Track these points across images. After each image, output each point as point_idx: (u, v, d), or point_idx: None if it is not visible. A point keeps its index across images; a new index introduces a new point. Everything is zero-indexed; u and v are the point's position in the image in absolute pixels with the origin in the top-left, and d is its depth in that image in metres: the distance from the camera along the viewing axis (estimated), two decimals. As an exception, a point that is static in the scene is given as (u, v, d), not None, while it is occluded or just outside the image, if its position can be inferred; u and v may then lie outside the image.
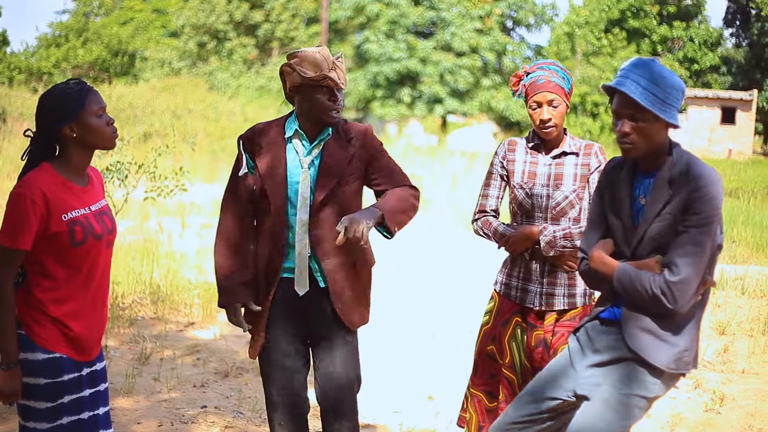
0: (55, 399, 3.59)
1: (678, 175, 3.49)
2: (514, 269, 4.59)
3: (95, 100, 3.60)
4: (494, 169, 4.64)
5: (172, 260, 10.57)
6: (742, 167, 29.98)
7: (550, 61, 4.50)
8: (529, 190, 4.45)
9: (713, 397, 6.69)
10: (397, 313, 9.22)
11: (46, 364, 3.56)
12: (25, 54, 54.60)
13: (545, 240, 4.35)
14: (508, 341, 4.55)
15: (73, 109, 3.55)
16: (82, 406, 3.69)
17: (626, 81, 3.52)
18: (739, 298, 9.76)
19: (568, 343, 3.93)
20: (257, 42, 49.17)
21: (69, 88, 3.60)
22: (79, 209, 3.59)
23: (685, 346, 3.58)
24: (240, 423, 5.96)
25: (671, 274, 3.44)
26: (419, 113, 42.95)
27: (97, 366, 3.78)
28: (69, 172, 3.61)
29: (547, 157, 4.46)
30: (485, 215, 4.67)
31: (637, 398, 3.60)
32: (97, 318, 3.73)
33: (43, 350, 3.56)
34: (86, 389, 3.71)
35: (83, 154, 3.63)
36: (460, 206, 17.65)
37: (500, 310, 4.62)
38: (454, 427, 6.12)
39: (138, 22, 58.63)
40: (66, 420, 3.63)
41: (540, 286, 4.47)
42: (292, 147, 4.18)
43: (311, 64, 4.02)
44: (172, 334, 8.10)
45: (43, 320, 3.56)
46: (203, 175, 19.85)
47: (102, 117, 3.60)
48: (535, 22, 46.12)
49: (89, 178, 3.73)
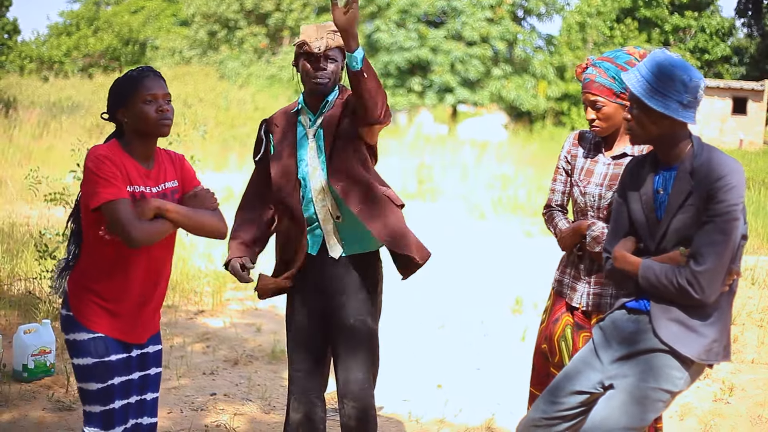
0: (105, 380, 3.61)
1: (699, 166, 3.50)
2: (567, 266, 4.44)
3: (147, 86, 3.62)
4: (560, 163, 4.50)
5: (182, 248, 10.59)
6: (753, 157, 29.84)
7: (609, 56, 4.26)
8: (583, 188, 4.30)
9: (722, 386, 6.68)
10: (407, 303, 9.23)
11: (92, 344, 3.60)
12: (36, 43, 54.75)
13: (592, 235, 4.17)
14: (558, 340, 4.40)
15: (125, 94, 3.62)
16: (131, 389, 3.72)
17: (632, 70, 3.60)
18: (749, 288, 9.76)
19: (593, 334, 3.91)
20: (268, 31, 49.08)
21: (130, 74, 3.68)
22: (137, 185, 3.61)
23: (715, 336, 3.58)
24: (249, 410, 5.98)
25: (697, 264, 3.44)
26: (430, 102, 42.83)
27: (149, 349, 3.80)
28: (132, 153, 3.66)
29: (608, 157, 4.29)
30: (551, 210, 4.55)
31: (662, 392, 3.59)
32: (146, 300, 3.73)
33: (87, 330, 3.60)
34: (135, 372, 3.74)
35: (139, 139, 3.66)
36: (471, 196, 17.65)
37: (553, 309, 4.50)
38: (463, 416, 6.15)
39: (149, 10, 58.60)
40: (118, 404, 3.66)
41: (588, 285, 4.31)
42: (299, 122, 4.31)
43: (302, 33, 4.18)
44: (182, 322, 8.12)
45: (88, 299, 3.61)
46: (214, 163, 19.88)
47: (151, 103, 3.61)
48: (546, 11, 45.90)
49: (157, 163, 3.75)
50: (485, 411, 6.22)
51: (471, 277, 10.73)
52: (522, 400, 5.87)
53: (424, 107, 43.57)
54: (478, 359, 7.53)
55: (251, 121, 28.25)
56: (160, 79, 3.69)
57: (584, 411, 3.80)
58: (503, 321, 8.84)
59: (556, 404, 3.82)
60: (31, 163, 14.99)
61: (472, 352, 7.76)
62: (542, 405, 3.88)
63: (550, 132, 39.76)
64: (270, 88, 41.48)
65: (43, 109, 24.54)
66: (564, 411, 3.81)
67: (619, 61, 4.16)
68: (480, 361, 7.46)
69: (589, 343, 3.93)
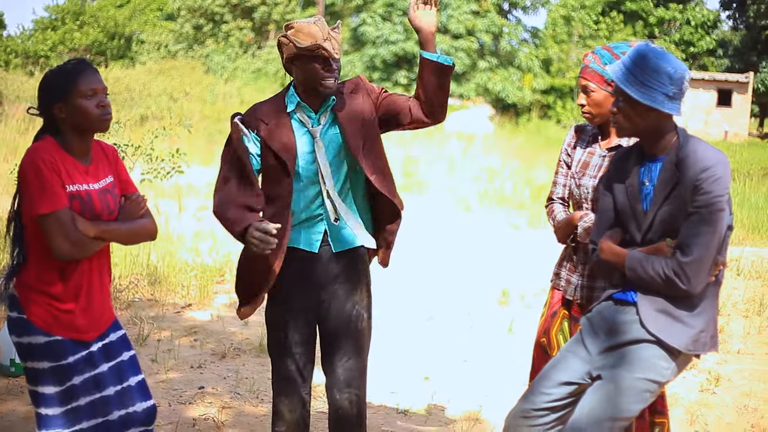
0: (63, 382, 3.54)
1: (685, 158, 3.51)
2: (564, 259, 4.45)
3: (86, 80, 3.52)
4: (561, 156, 4.50)
5: (169, 242, 10.58)
6: (738, 149, 29.98)
7: (610, 45, 4.24)
8: (578, 180, 4.31)
9: (708, 377, 6.72)
10: (395, 295, 9.24)
11: (47, 348, 3.52)
12: (21, 37, 54.55)
13: (583, 226, 4.18)
14: (556, 334, 4.42)
15: (62, 88, 3.51)
16: (104, 382, 3.63)
17: (617, 63, 3.63)
18: (734, 279, 9.81)
19: (581, 325, 3.92)
20: (254, 25, 48.98)
21: (64, 67, 3.57)
22: (80, 184, 3.54)
23: (702, 327, 3.60)
24: (237, 403, 5.98)
25: (683, 255, 3.46)
26: (416, 96, 42.76)
27: (111, 338, 3.72)
28: (69, 149, 3.57)
29: (603, 149, 4.28)
30: (552, 203, 4.53)
31: (649, 382, 3.61)
32: (95, 296, 3.66)
33: (43, 333, 3.52)
34: (103, 364, 3.65)
35: (77, 136, 3.57)
36: (458, 189, 17.65)
37: (551, 302, 4.50)
38: (450, 407, 6.16)
39: (134, 4, 58.37)
40: (84, 401, 3.58)
41: (582, 278, 4.32)
42: (297, 120, 4.18)
43: (306, 34, 4.03)
44: (170, 315, 8.11)
45: (42, 301, 3.53)
46: (200, 157, 19.81)
47: (91, 98, 3.52)
48: (532, 4, 45.97)
49: (94, 157, 3.68)
50: (472, 403, 6.23)
51: (458, 270, 10.74)
52: (509, 392, 5.90)
53: (410, 100, 43.48)
54: (465, 351, 7.55)
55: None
56: (96, 72, 3.60)
57: (572, 402, 3.81)
58: (490, 313, 8.86)
59: (544, 395, 3.83)
60: (16, 158, 14.91)
61: (460, 344, 7.77)
62: (530, 396, 3.88)
63: (536, 125, 39.80)
64: (256, 82, 41.36)
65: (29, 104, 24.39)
66: (552, 402, 3.81)
67: (617, 51, 4.16)
68: (467, 353, 7.48)
69: (576, 334, 3.95)
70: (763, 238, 13.01)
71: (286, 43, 4.08)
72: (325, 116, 4.18)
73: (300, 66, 4.09)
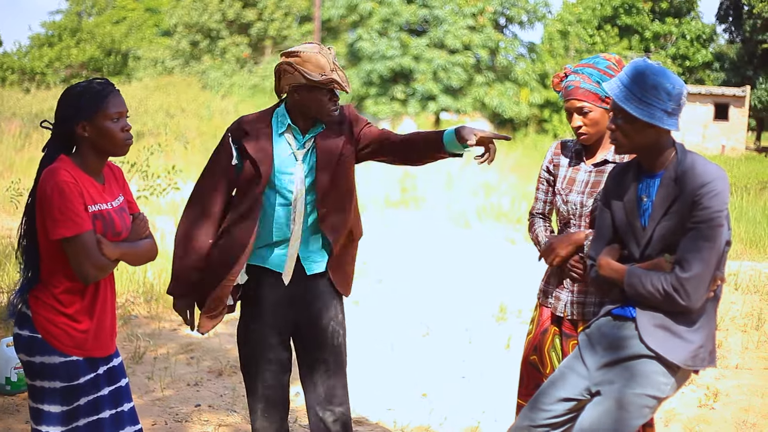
0: (71, 402, 3.55)
1: (683, 174, 3.51)
2: (551, 276, 4.43)
3: (114, 103, 3.55)
4: (541, 173, 4.50)
5: (165, 259, 10.53)
6: (735, 163, 29.99)
7: (589, 62, 4.27)
8: (566, 197, 4.28)
9: (707, 392, 6.70)
10: (391, 311, 9.22)
11: (63, 368, 3.52)
12: (17, 54, 54.48)
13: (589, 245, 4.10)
14: (548, 351, 4.39)
15: (90, 108, 3.51)
16: (102, 405, 3.64)
17: (614, 80, 3.63)
18: (732, 293, 9.78)
19: (579, 341, 3.91)
20: (250, 41, 49.04)
21: (92, 86, 3.57)
22: (101, 203, 3.56)
23: (701, 342, 3.59)
24: (234, 421, 5.96)
25: (682, 270, 3.46)
26: (413, 110, 42.85)
27: (114, 362, 3.74)
28: (86, 169, 3.58)
29: (589, 165, 4.27)
30: (533, 218, 4.56)
31: (648, 398, 3.60)
32: (107, 314, 3.69)
33: (60, 354, 3.51)
34: (105, 387, 3.67)
35: (96, 156, 3.59)
36: (455, 205, 17.65)
37: (540, 319, 4.48)
38: (448, 424, 6.14)
39: (131, 21, 58.50)
40: (83, 422, 3.59)
41: (571, 294, 4.29)
42: (284, 140, 4.17)
43: (315, 65, 3.99)
44: (166, 332, 8.09)
45: (59, 321, 3.53)
46: (196, 173, 19.73)
47: (118, 122, 3.55)
48: (528, 19, 46.02)
49: (106, 176, 3.70)
50: (470, 419, 6.21)
51: (455, 285, 10.72)
52: (507, 408, 5.88)
53: (407, 115, 43.57)
54: (463, 367, 7.52)
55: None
56: (121, 95, 3.64)
57: (571, 418, 3.80)
58: (487, 329, 8.84)
59: (543, 411, 3.81)
60: (12, 175, 14.90)
61: (457, 360, 7.75)
62: (529, 413, 3.87)
63: (533, 139, 39.83)
64: (252, 98, 41.39)
65: (25, 121, 24.36)
66: (551, 418, 3.80)
67: (600, 66, 4.17)
68: (465, 369, 7.45)
69: (575, 350, 3.93)
70: (760, 252, 13.00)
71: (291, 72, 4.04)
72: (310, 141, 4.18)
73: (304, 95, 4.08)
